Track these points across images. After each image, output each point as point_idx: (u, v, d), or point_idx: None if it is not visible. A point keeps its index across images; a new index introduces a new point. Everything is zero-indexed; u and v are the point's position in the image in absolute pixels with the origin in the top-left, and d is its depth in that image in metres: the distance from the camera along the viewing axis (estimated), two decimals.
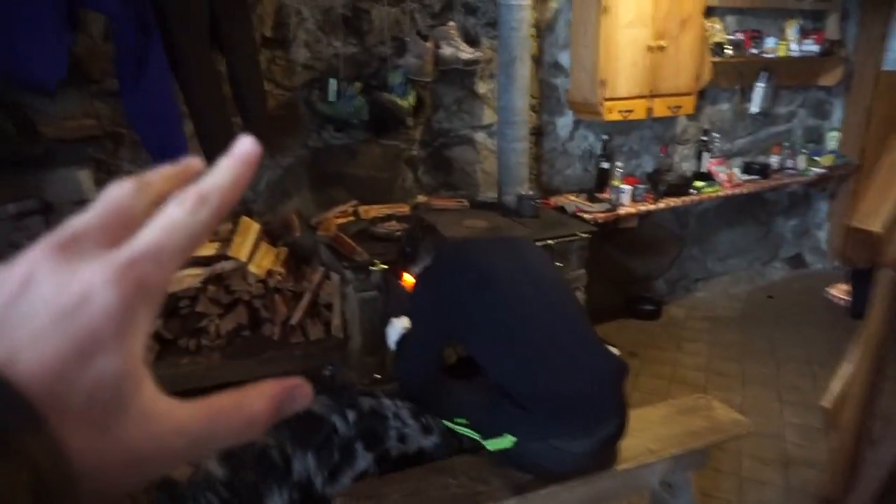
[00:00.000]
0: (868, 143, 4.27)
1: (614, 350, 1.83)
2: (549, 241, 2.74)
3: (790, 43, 3.80)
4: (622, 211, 3.28)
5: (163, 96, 2.07)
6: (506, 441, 1.60)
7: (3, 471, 0.19)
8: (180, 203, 0.26)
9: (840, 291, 2.21)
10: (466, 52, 2.76)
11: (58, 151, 2.40)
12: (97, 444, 0.23)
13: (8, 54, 1.68)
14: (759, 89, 3.95)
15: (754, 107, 4.01)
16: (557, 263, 2.79)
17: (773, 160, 4.08)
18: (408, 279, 2.02)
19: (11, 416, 0.20)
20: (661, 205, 3.44)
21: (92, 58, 2.39)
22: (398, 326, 2.09)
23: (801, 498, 2.36)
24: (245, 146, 0.28)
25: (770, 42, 3.73)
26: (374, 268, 2.40)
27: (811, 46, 3.88)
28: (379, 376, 2.55)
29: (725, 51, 3.56)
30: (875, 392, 1.49)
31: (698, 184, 3.62)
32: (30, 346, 0.23)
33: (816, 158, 4.14)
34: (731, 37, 3.65)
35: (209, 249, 2.54)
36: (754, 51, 3.72)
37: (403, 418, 1.83)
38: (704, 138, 3.83)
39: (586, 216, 3.12)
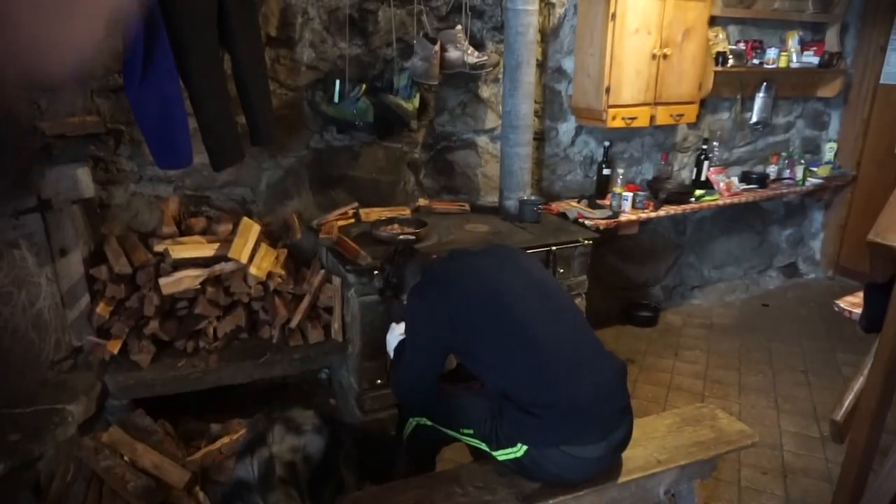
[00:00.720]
0: (864, 155, 4.31)
1: None
2: (553, 247, 2.74)
3: (791, 54, 3.82)
4: (623, 218, 3.28)
5: (168, 94, 2.03)
6: (517, 451, 1.59)
7: None
8: None
9: (848, 304, 2.22)
10: (473, 56, 2.75)
11: (56, 148, 2.35)
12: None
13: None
14: (760, 99, 3.97)
15: (754, 116, 4.04)
16: (559, 269, 2.79)
17: (771, 170, 4.10)
18: None
19: None
20: (661, 212, 3.44)
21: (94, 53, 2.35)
22: (397, 332, 2.06)
23: None
24: None
25: (771, 53, 3.75)
26: (377, 272, 2.37)
27: (811, 58, 3.92)
28: (381, 381, 2.52)
29: (728, 60, 3.57)
30: (886, 406, 1.49)
31: (698, 192, 3.63)
32: None
33: (813, 169, 4.17)
34: (734, 46, 3.67)
35: (209, 250, 2.51)
36: (756, 61, 3.74)
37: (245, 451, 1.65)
38: (704, 147, 3.85)
39: (588, 222, 3.11)
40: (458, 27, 2.79)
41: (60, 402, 2.21)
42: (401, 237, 2.61)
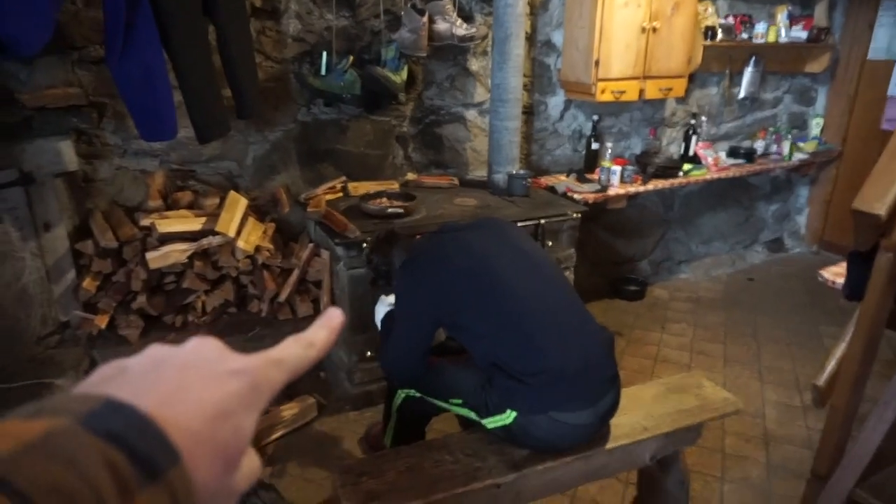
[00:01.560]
0: (850, 131, 4.34)
1: None
2: (541, 221, 2.74)
3: (780, 28, 3.82)
4: (612, 192, 3.29)
5: (151, 64, 1.99)
6: (506, 417, 1.61)
7: (154, 493, 0.26)
8: (297, 340, 0.38)
9: (832, 274, 2.25)
10: (461, 28, 2.72)
11: (38, 120, 2.31)
12: (219, 478, 0.30)
13: None
14: (748, 74, 3.97)
15: (742, 92, 4.04)
16: (548, 243, 2.80)
17: (759, 145, 4.12)
18: None
19: (160, 453, 0.27)
20: (650, 186, 3.45)
21: (74, 23, 2.29)
22: (385, 303, 2.07)
23: (781, 473, 2.42)
24: (335, 318, 0.40)
25: (760, 27, 3.74)
26: (365, 245, 2.37)
27: (799, 33, 3.91)
28: (370, 354, 2.54)
29: (717, 34, 3.56)
30: (866, 373, 1.52)
31: (686, 166, 3.65)
32: (184, 399, 0.30)
33: (800, 144, 4.20)
34: (723, 21, 3.66)
35: (196, 224, 2.49)
36: (744, 35, 3.73)
37: None
38: (692, 121, 3.85)
39: (577, 196, 3.12)
40: None
41: (48, 376, 2.21)
42: (389, 210, 2.61)
